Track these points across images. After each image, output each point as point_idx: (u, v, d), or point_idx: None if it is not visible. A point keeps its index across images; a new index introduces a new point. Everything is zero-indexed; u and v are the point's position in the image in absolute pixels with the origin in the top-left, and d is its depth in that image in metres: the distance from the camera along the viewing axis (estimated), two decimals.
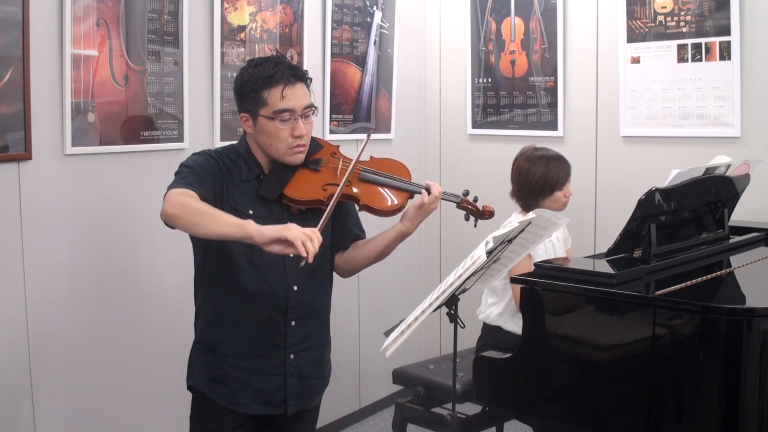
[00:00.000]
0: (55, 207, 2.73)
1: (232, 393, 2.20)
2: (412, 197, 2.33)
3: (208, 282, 2.23)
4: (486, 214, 2.45)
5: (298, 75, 2.17)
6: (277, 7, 3.48)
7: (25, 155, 2.61)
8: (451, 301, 2.22)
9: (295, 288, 2.22)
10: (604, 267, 2.42)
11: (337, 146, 2.36)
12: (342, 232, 2.36)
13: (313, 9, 3.69)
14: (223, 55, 3.24)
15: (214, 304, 2.23)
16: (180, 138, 3.10)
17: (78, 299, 2.81)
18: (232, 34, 3.29)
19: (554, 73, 3.95)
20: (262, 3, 3.40)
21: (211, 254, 2.20)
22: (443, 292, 2.13)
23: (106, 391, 2.91)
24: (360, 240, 2.40)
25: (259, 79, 2.14)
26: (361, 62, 4.00)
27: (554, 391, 2.37)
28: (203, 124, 3.22)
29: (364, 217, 2.37)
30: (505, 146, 3.25)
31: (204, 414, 2.25)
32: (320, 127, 3.79)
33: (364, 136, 4.04)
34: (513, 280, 2.51)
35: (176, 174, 2.13)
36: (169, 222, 2.01)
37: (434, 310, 2.17)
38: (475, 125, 4.30)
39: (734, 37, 3.38)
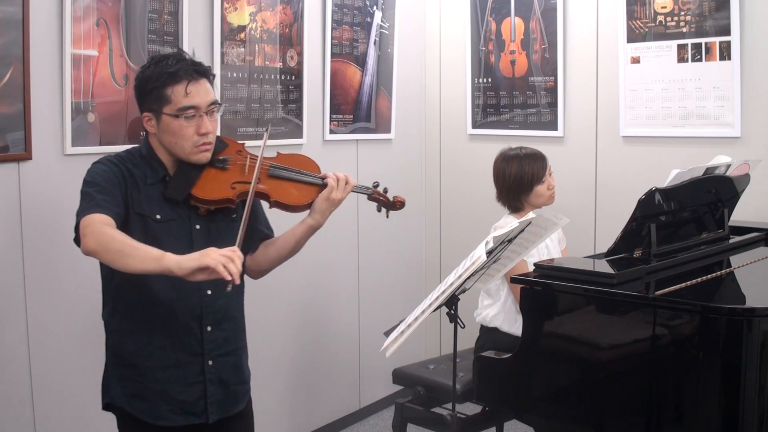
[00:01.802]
0: (55, 207, 2.72)
1: (152, 406, 2.12)
2: (321, 191, 2.29)
3: (116, 294, 2.15)
4: (397, 204, 2.46)
5: (201, 71, 2.12)
6: (277, 7, 3.48)
7: (25, 155, 2.61)
8: (451, 301, 2.22)
9: (209, 292, 2.15)
10: (604, 267, 2.42)
11: (242, 144, 2.31)
12: (251, 233, 2.29)
13: (313, 9, 3.69)
14: (223, 55, 3.24)
15: (126, 317, 2.15)
16: None
17: (77, 298, 2.81)
18: (232, 34, 3.28)
19: (554, 73, 3.95)
20: (262, 3, 3.40)
21: None
22: (443, 292, 2.14)
23: None
24: (269, 239, 2.35)
25: (162, 76, 2.08)
26: (361, 62, 4.00)
27: (554, 391, 2.37)
28: None
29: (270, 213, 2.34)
30: (505, 146, 3.25)
31: None
32: (320, 127, 3.79)
33: (363, 136, 4.04)
34: (513, 280, 2.51)
35: (83, 195, 2.03)
36: (91, 256, 1.95)
37: (434, 310, 2.17)
38: (475, 125, 4.30)
39: (734, 37, 3.38)
